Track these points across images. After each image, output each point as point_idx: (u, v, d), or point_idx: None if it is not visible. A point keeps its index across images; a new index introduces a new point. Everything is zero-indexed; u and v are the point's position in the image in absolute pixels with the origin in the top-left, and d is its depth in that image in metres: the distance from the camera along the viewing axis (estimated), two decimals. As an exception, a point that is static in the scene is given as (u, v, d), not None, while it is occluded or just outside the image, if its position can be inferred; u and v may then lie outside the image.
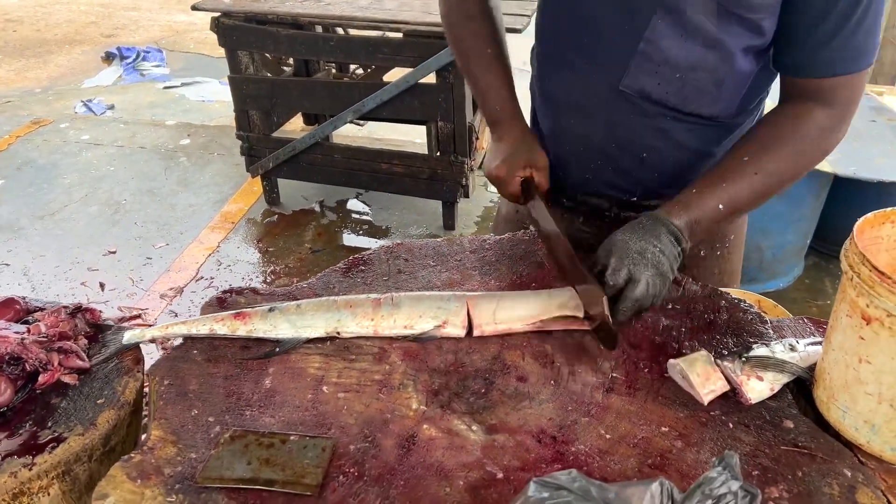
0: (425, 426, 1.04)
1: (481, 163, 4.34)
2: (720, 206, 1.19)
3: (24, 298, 1.28)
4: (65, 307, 1.23)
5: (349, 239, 3.80)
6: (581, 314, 1.19)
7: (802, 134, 1.19)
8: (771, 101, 1.32)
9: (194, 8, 3.52)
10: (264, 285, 3.23)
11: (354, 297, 1.25)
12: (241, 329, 1.19)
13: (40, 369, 1.11)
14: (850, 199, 3.24)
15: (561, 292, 1.24)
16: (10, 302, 1.24)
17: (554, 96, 1.42)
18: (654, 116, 1.29)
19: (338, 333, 1.20)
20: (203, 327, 1.20)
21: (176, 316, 3.13)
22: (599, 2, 1.23)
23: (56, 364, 1.12)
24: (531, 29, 1.44)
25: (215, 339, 1.20)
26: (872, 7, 1.10)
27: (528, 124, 1.47)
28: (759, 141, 1.22)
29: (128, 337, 1.21)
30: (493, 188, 1.41)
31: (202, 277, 3.43)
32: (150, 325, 1.23)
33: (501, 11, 1.50)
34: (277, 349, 1.17)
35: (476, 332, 1.20)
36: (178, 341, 1.22)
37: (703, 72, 1.22)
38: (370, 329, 1.20)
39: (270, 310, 1.22)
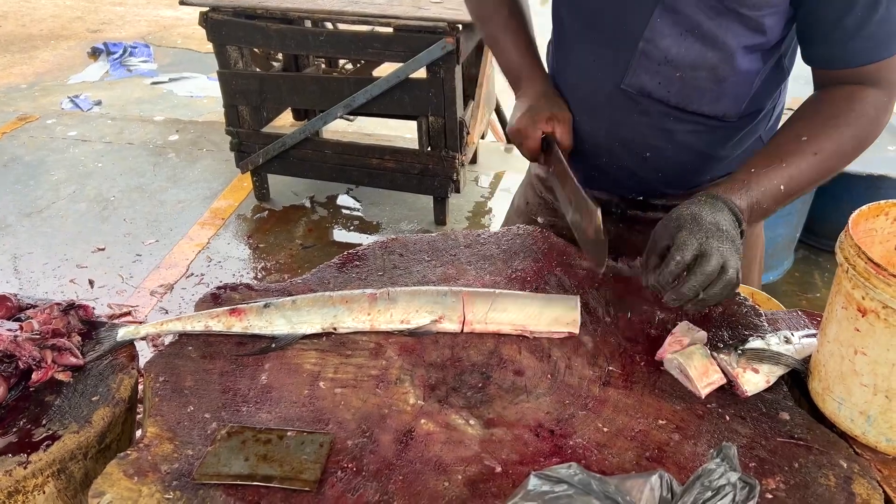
0: (423, 421, 1.04)
1: (473, 158, 4.33)
2: (781, 188, 1.14)
3: (15, 295, 1.27)
4: (58, 304, 1.22)
5: (340, 235, 3.79)
6: (576, 330, 1.18)
7: (859, 113, 1.15)
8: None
9: (183, 2, 3.49)
10: (256, 281, 3.22)
11: (350, 293, 1.24)
12: (237, 325, 1.19)
13: (34, 367, 1.09)
14: (839, 192, 3.25)
15: (557, 303, 1.22)
16: (1, 299, 1.22)
17: (563, 92, 1.41)
18: (657, 116, 1.29)
19: (334, 329, 1.20)
20: (198, 324, 1.19)
21: (167, 313, 3.11)
22: (601, 1, 1.23)
23: (50, 361, 1.11)
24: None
25: (210, 336, 1.20)
26: None
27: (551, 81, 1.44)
28: (816, 120, 1.17)
29: (122, 334, 1.20)
30: (515, 149, 1.40)
31: (192, 274, 3.41)
32: (144, 322, 1.21)
33: None
34: (273, 345, 1.17)
35: (466, 329, 1.20)
36: (171, 339, 1.21)
37: (704, 70, 1.21)
38: (367, 324, 1.20)
39: (266, 306, 1.21)
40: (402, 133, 4.51)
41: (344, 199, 4.09)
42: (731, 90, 1.25)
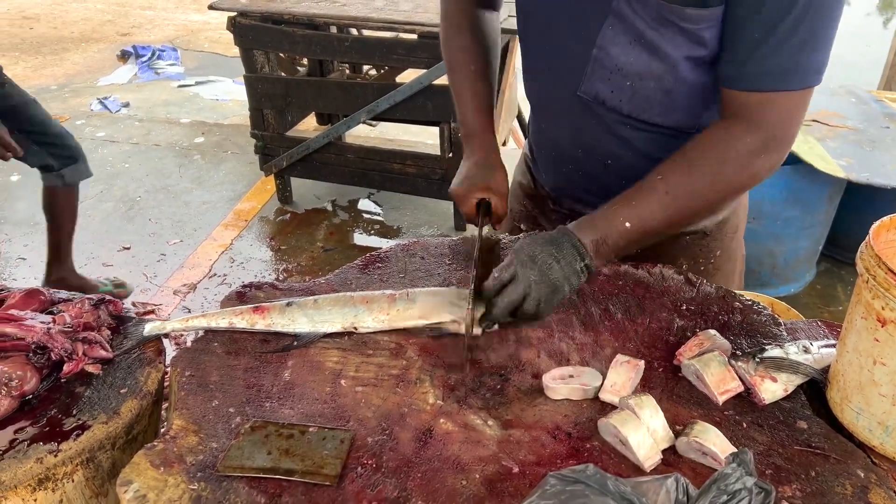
0: (442, 420, 1.05)
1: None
2: (627, 224, 1.16)
3: (48, 289, 1.30)
4: (88, 299, 1.26)
5: (361, 238, 3.82)
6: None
7: (724, 156, 1.13)
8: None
9: (211, 7, 3.56)
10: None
11: (370, 293, 1.27)
12: (260, 323, 1.22)
13: (65, 359, 1.13)
14: (863, 205, 3.23)
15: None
16: (34, 293, 1.26)
17: (530, 100, 1.46)
18: (613, 124, 1.30)
19: (354, 329, 1.22)
20: (222, 321, 1.22)
21: (189, 312, 3.16)
22: (556, 8, 1.25)
23: (80, 354, 1.14)
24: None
25: (235, 333, 1.22)
26: (807, 20, 1.02)
27: (499, 146, 1.50)
28: (678, 160, 1.18)
29: (148, 329, 1.24)
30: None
31: (215, 274, 3.46)
32: (170, 319, 1.25)
33: (498, 25, 1.52)
34: (295, 343, 1.19)
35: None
36: (192, 336, 1.24)
37: (651, 80, 1.21)
38: (385, 323, 1.22)
39: (288, 304, 1.24)
40: (424, 139, 4.54)
41: (365, 204, 4.12)
42: (681, 102, 1.24)
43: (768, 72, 1.07)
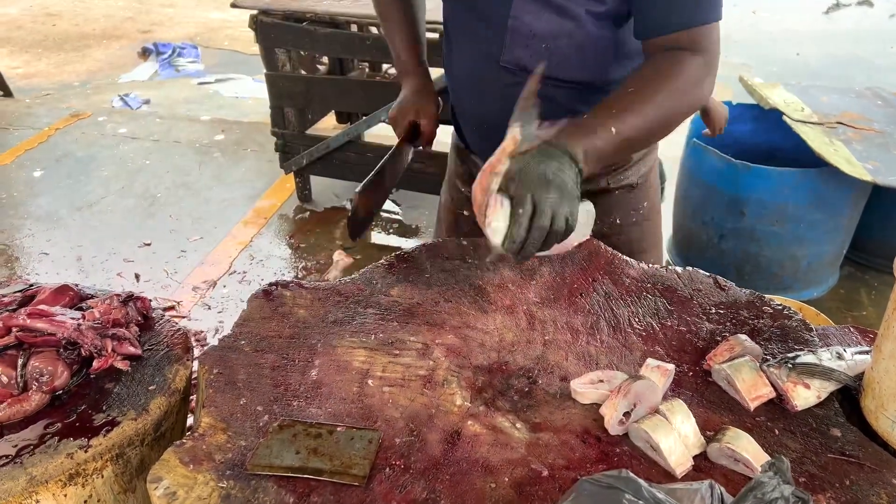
0: (469, 422, 1.05)
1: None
2: (613, 130, 1.19)
3: (77, 285, 1.31)
4: (117, 295, 1.26)
5: (379, 237, 3.83)
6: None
7: (681, 72, 1.24)
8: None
9: (234, 5, 3.57)
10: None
11: None
12: None
13: (95, 355, 1.14)
14: (889, 208, 3.19)
15: None
16: (64, 289, 1.27)
17: (452, 78, 1.58)
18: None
19: None
20: None
21: (209, 309, 3.18)
22: None
23: (110, 350, 1.15)
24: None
25: (262, 330, 1.22)
26: None
27: (431, 79, 1.67)
28: (642, 77, 1.26)
29: None
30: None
31: (235, 271, 3.47)
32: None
33: None
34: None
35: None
36: (213, 334, 1.24)
37: (563, 38, 1.33)
38: None
39: None
40: (443, 137, 4.53)
41: (385, 204, 4.12)
42: (592, 55, 1.36)
43: (691, 11, 1.24)
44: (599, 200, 1.48)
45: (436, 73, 1.75)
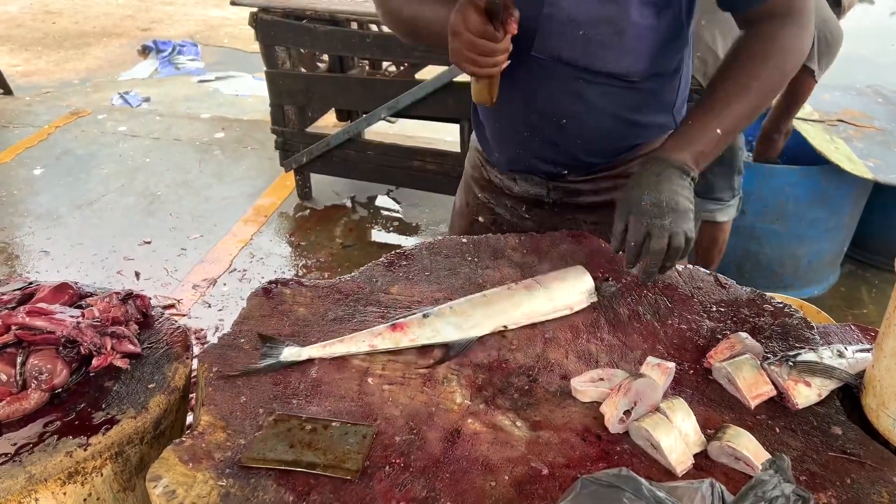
0: (469, 420, 1.05)
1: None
2: (718, 131, 1.24)
3: (76, 283, 1.31)
4: (116, 293, 1.26)
5: (380, 235, 3.83)
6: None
7: (780, 47, 1.25)
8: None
9: (233, 3, 3.56)
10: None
11: (500, 290, 1.27)
12: (404, 340, 1.17)
13: (94, 353, 1.13)
14: (889, 206, 3.19)
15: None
16: (63, 287, 1.27)
17: None
18: (568, 80, 1.34)
19: (504, 327, 1.22)
20: (363, 344, 1.17)
21: (209, 307, 3.17)
22: None
23: (109, 348, 1.14)
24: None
25: (262, 328, 1.22)
26: None
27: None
28: (741, 61, 1.27)
29: (285, 354, 1.15)
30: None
31: (235, 269, 3.47)
32: (307, 345, 1.17)
33: None
34: (451, 353, 1.17)
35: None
36: (212, 332, 1.23)
37: (604, 24, 1.28)
38: (528, 317, 1.23)
39: (425, 316, 1.21)
40: (444, 136, 4.53)
41: (384, 200, 4.13)
42: (631, 45, 1.31)
43: None
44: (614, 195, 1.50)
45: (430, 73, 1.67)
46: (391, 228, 3.89)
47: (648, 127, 1.46)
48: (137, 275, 3.40)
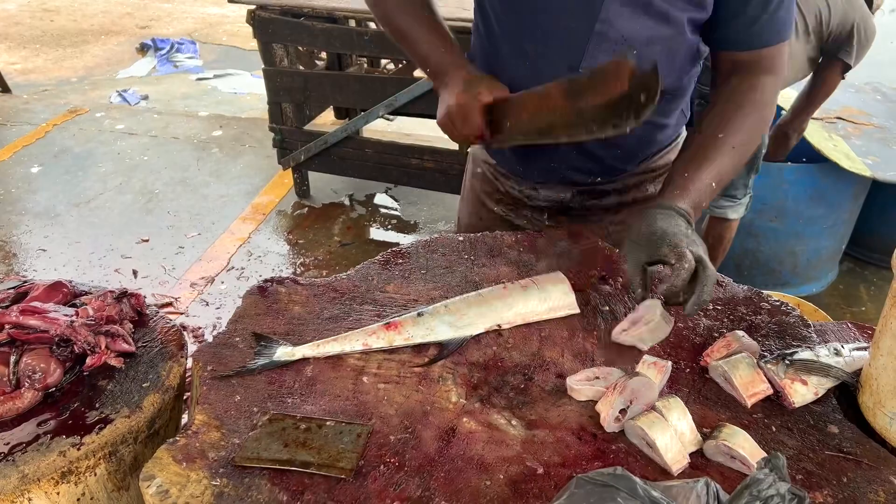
0: (465, 419, 1.04)
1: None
2: (713, 184, 1.25)
3: (70, 282, 1.31)
4: (111, 292, 1.26)
5: (378, 233, 3.82)
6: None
7: (760, 103, 1.28)
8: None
9: (231, 0, 3.55)
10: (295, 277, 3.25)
11: (494, 289, 1.27)
12: (398, 339, 1.17)
13: (88, 352, 1.13)
14: (888, 204, 3.18)
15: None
16: (58, 285, 1.26)
17: (512, 89, 1.38)
18: None
19: (499, 326, 1.21)
20: (357, 343, 1.16)
21: (207, 305, 3.17)
22: None
23: (103, 347, 1.14)
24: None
25: (256, 326, 1.21)
26: None
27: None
28: (729, 117, 1.28)
29: (279, 353, 1.15)
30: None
31: (233, 267, 3.47)
32: (301, 345, 1.17)
33: None
34: (445, 352, 1.16)
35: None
36: (210, 330, 1.23)
37: (659, 45, 1.28)
38: (522, 317, 1.23)
39: (419, 314, 1.20)
40: (441, 134, 4.52)
41: (382, 198, 4.12)
42: (679, 63, 1.34)
43: (774, 29, 1.26)
44: (620, 212, 1.52)
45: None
46: (389, 226, 3.88)
47: (675, 125, 1.49)
48: (135, 273, 3.39)
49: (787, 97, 2.95)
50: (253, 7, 3.50)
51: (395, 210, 4.02)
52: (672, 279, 1.09)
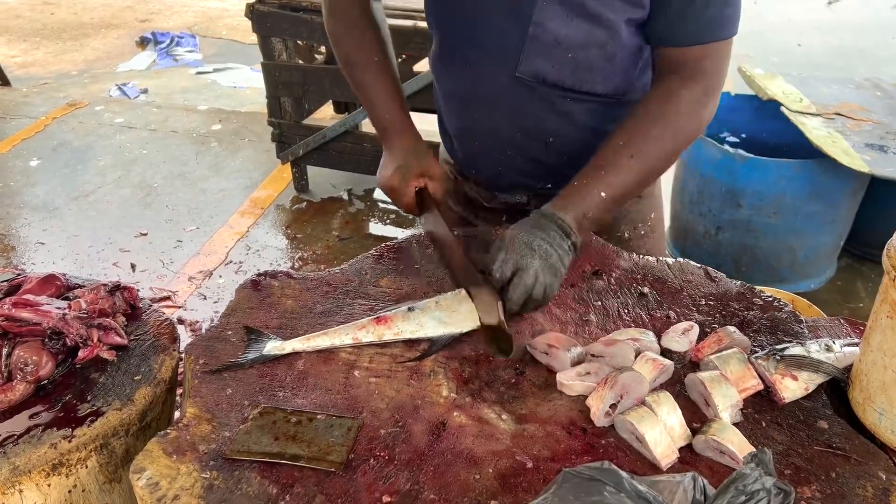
0: (455, 413, 1.04)
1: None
2: (602, 195, 1.19)
3: (64, 275, 1.31)
4: (104, 285, 1.26)
5: (376, 228, 3.82)
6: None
7: (675, 111, 1.21)
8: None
9: (230, -6, 3.55)
10: (292, 271, 3.26)
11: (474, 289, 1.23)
12: (388, 334, 1.17)
13: (80, 345, 1.13)
14: (887, 200, 3.18)
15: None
16: (51, 278, 1.26)
17: (455, 94, 1.42)
18: (554, 100, 1.31)
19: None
20: (346, 337, 1.16)
21: (205, 299, 3.17)
22: None
23: (95, 340, 1.14)
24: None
25: (248, 320, 1.22)
26: None
27: (435, 127, 1.50)
28: (632, 124, 1.23)
29: (268, 347, 1.15)
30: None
31: (231, 261, 3.47)
32: (290, 339, 1.17)
33: (384, 15, 1.48)
34: (432, 348, 1.16)
35: None
36: (208, 324, 1.23)
37: (594, 48, 1.24)
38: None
39: (410, 309, 1.20)
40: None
41: (381, 193, 4.11)
42: (620, 66, 1.28)
43: (704, 25, 1.18)
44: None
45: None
46: (388, 221, 3.88)
47: None
48: (133, 267, 3.40)
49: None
50: (252, 1, 3.50)
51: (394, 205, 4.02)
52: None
